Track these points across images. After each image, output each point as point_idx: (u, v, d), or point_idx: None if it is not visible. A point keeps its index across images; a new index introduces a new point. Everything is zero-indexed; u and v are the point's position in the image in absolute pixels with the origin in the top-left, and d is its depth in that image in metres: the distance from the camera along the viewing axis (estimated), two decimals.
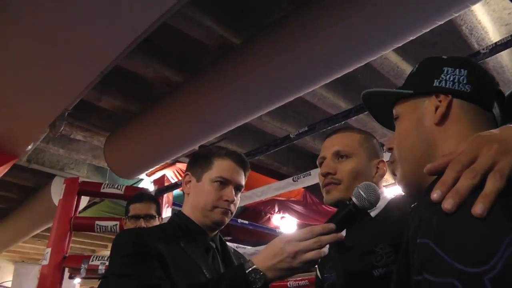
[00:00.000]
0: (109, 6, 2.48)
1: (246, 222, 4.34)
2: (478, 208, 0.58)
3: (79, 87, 3.16)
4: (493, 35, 3.20)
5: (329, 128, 2.87)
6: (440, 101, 0.86)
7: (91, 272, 3.71)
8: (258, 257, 1.17)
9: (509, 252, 0.53)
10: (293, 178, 2.88)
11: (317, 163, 1.46)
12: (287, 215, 6.45)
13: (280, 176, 4.59)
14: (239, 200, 1.54)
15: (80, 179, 4.20)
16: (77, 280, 6.93)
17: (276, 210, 6.21)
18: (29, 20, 2.62)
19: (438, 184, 0.64)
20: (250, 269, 1.13)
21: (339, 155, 1.38)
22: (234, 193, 1.45)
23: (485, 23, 3.14)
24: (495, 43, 2.24)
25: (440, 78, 0.88)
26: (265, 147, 3.23)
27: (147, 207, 2.60)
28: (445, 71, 0.88)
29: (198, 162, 1.51)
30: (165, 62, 3.72)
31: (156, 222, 2.57)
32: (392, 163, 0.93)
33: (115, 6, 2.49)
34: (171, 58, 3.72)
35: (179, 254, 1.30)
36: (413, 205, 0.85)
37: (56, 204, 4.19)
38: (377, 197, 1.17)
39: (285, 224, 6.75)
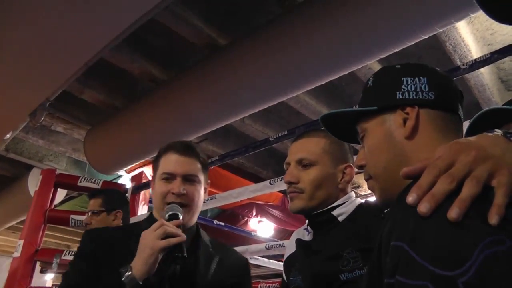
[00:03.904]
0: None
1: (222, 224, 4.32)
2: (453, 213, 0.58)
3: (61, 77, 3.12)
4: (476, 53, 3.26)
5: None
6: (407, 113, 0.85)
7: (63, 267, 3.65)
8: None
9: (483, 256, 0.54)
10: (270, 181, 2.86)
11: (284, 168, 1.44)
12: (264, 219, 6.45)
13: (259, 180, 4.58)
14: (217, 200, 1.52)
15: (58, 171, 4.14)
16: (49, 276, 6.82)
17: (254, 214, 6.20)
18: (14, 9, 2.59)
19: (414, 188, 0.64)
20: (126, 274, 1.20)
21: (302, 163, 1.37)
22: (182, 185, 1.39)
23: (468, 41, 3.19)
24: (475, 59, 2.27)
25: (402, 90, 0.87)
26: (244, 149, 3.22)
27: (93, 204, 2.72)
28: (405, 81, 0.87)
29: (153, 164, 1.52)
30: (151, 58, 3.71)
31: (103, 217, 2.66)
32: (367, 180, 0.92)
33: None
34: (157, 54, 3.71)
35: (124, 254, 1.30)
36: (386, 210, 0.84)
37: (32, 196, 4.14)
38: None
39: (262, 228, 6.75)
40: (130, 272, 1.19)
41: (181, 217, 1.33)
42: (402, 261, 0.59)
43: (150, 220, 1.44)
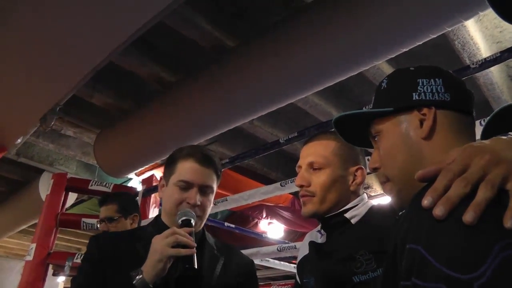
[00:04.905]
0: (104, 1, 2.48)
1: (233, 226, 4.33)
2: (468, 216, 0.58)
3: (71, 82, 3.15)
4: (485, 51, 3.24)
5: None
6: (423, 115, 0.85)
7: (75, 270, 3.67)
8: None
9: (498, 260, 0.54)
10: (280, 183, 2.86)
11: (296, 171, 1.44)
12: (274, 221, 6.44)
13: (269, 182, 4.58)
14: (228, 203, 1.51)
15: (69, 175, 4.18)
16: (61, 278, 6.87)
17: (264, 215, 6.20)
18: (23, 15, 2.62)
19: (430, 191, 0.64)
20: (137, 277, 1.22)
21: (313, 166, 1.37)
22: (198, 195, 1.38)
23: (477, 40, 3.17)
24: (485, 58, 2.26)
25: (418, 91, 0.87)
26: (254, 151, 3.22)
27: (107, 210, 2.63)
28: (421, 83, 0.88)
29: (166, 166, 1.49)
30: (159, 62, 3.72)
31: (122, 223, 2.59)
32: (384, 183, 0.91)
33: (111, 2, 2.49)
34: (166, 57, 3.73)
35: (130, 257, 1.32)
36: (401, 213, 0.82)
37: (44, 200, 4.17)
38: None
39: (273, 229, 6.75)
40: (141, 276, 1.21)
41: (193, 223, 1.33)
42: (417, 263, 0.60)
43: (156, 224, 1.45)
